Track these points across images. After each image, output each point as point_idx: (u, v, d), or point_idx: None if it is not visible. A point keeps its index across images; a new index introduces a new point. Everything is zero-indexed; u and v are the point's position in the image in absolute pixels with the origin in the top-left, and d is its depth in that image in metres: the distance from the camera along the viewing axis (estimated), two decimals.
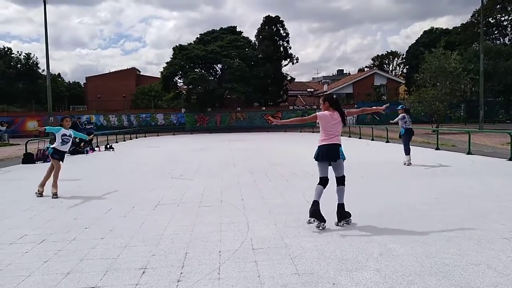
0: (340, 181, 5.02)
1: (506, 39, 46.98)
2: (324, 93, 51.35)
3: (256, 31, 45.11)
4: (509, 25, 46.52)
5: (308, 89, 57.98)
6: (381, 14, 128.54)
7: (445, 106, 25.25)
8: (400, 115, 10.62)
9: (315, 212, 4.76)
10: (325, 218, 4.75)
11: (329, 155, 4.89)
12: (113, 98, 45.02)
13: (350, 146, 17.88)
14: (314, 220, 4.76)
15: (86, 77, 56.08)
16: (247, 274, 3.46)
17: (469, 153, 12.38)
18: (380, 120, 38.86)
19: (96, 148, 18.84)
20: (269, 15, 43.76)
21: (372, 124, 30.77)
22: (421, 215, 5.26)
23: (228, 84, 38.00)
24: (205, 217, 5.45)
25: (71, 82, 69.53)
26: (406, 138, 10.46)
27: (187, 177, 9.27)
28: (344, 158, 5.00)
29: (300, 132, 32.22)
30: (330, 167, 5.01)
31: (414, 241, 4.20)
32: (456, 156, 12.14)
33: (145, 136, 31.86)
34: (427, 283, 3.16)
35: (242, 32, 43.45)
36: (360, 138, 21.80)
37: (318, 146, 4.98)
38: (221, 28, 43.48)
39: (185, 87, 41.44)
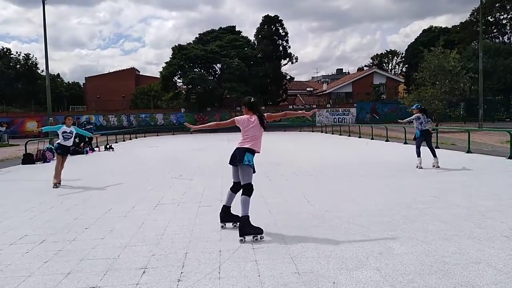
0: (244, 190, 4.54)
1: (505, 37, 47.05)
2: (323, 92, 51.39)
3: (255, 30, 45.14)
4: (508, 24, 46.56)
5: (307, 88, 57.99)
6: (380, 13, 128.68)
7: (444, 105, 25.27)
8: (414, 115, 9.83)
9: (222, 217, 4.84)
10: (257, 227, 4.40)
11: (233, 158, 4.63)
12: (112, 98, 45.00)
13: (349, 145, 17.90)
14: (224, 225, 4.83)
15: (85, 78, 56.10)
16: (247, 273, 3.46)
17: (468, 151, 12.38)
18: (379, 119, 38.92)
19: (95, 148, 18.85)
20: (268, 15, 43.77)
21: (372, 123, 30.84)
22: (421, 213, 5.27)
23: (227, 84, 38.00)
24: (205, 217, 5.45)
25: (70, 82, 69.55)
26: (419, 140, 9.84)
27: (186, 177, 9.27)
28: (249, 164, 4.52)
29: (300, 131, 32.24)
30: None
31: (414, 239, 4.20)
32: (456, 155, 12.15)
33: (144, 136, 31.86)
34: (427, 281, 3.17)
35: (241, 32, 43.51)
36: (359, 137, 21.81)
37: None
38: (220, 27, 43.48)
39: (185, 87, 41.43)
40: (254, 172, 4.63)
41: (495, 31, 47.64)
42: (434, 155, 9.65)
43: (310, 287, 3.14)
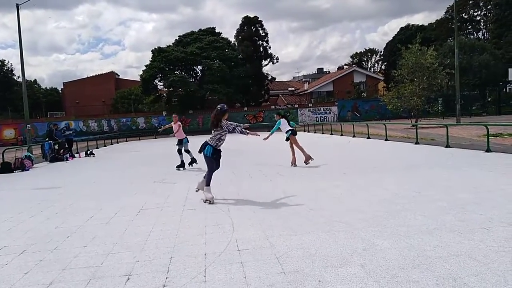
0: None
1: (480, 33, 48.32)
2: (305, 92, 51.76)
3: (235, 31, 45.13)
4: (482, 20, 47.86)
5: (289, 88, 58.32)
6: (359, 12, 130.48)
7: (423, 101, 25.74)
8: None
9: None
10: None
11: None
12: (92, 103, 44.28)
13: (332, 143, 18.06)
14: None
15: (63, 83, 55.08)
16: (233, 275, 3.45)
17: (447, 146, 12.65)
18: (360, 117, 39.41)
19: (76, 155, 18.49)
20: (247, 16, 43.83)
21: (353, 121, 31.16)
22: (403, 208, 5.35)
23: (209, 86, 37.84)
24: (189, 221, 5.41)
25: (48, 88, 68.08)
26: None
27: (170, 181, 9.19)
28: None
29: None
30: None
31: (397, 234, 4.27)
32: (435, 150, 12.39)
33: (126, 141, 31.44)
34: (410, 275, 3.22)
35: (221, 33, 43.36)
36: (341, 135, 22.03)
37: None
38: (200, 29, 43.26)
39: (166, 89, 41.10)
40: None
41: (469, 27, 48.91)
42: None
43: (296, 286, 3.15)
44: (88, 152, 18.89)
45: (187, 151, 11.42)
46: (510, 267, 3.28)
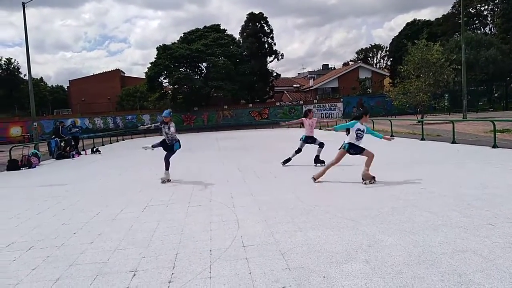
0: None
1: (487, 28, 47.81)
2: (310, 88, 51.58)
3: (240, 28, 45.04)
4: (489, 15, 47.35)
5: (294, 85, 58.19)
6: (365, 7, 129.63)
7: (429, 97, 25.56)
8: None
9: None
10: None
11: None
12: (97, 100, 44.45)
13: (336, 139, 18.00)
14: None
15: (69, 81, 55.28)
16: (238, 271, 3.47)
17: (453, 142, 12.57)
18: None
19: (82, 152, 18.61)
20: (252, 12, 43.65)
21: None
22: (408, 205, 5.34)
23: (214, 83, 37.84)
24: (194, 217, 5.44)
25: (54, 86, 68.45)
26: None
27: (175, 177, 9.21)
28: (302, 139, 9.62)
29: (288, 127, 32.29)
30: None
31: (402, 231, 4.26)
32: (442, 146, 12.32)
33: (131, 138, 31.58)
34: (415, 272, 3.22)
35: (226, 30, 43.29)
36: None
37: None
38: (205, 26, 43.21)
39: (171, 87, 41.13)
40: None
41: (476, 22, 48.39)
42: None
43: (301, 282, 3.17)
44: (94, 149, 19.00)
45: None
46: None
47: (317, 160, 9.71)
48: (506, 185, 6.16)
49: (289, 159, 9.94)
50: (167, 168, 8.63)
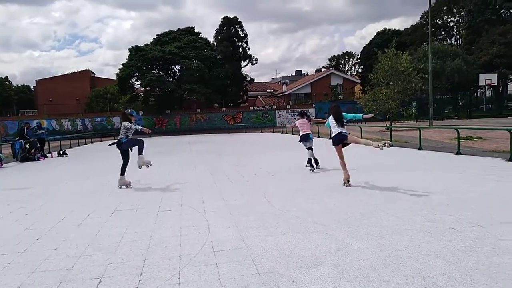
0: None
1: (453, 39, 49.77)
2: (283, 93, 52.03)
3: (215, 32, 44.95)
4: (455, 26, 49.32)
5: (268, 90, 58.52)
6: (339, 15, 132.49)
7: (397, 104, 26.28)
8: None
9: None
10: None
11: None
12: (65, 101, 43.11)
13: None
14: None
15: (36, 80, 53.30)
16: (207, 277, 3.44)
17: (420, 148, 12.98)
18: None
19: (48, 155, 17.97)
20: (227, 16, 43.64)
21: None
22: (376, 209, 5.46)
23: (187, 86, 37.52)
24: (164, 222, 5.36)
25: (20, 85, 65.92)
26: None
27: (145, 182, 9.06)
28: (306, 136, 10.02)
29: (261, 132, 32.43)
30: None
31: (370, 235, 4.35)
32: (409, 152, 12.69)
33: (101, 141, 30.79)
34: (381, 275, 3.29)
35: (200, 33, 43.05)
36: (318, 137, 22.25)
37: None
38: (179, 28, 42.83)
39: (142, 89, 40.48)
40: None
41: (443, 33, 50.27)
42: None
43: (270, 287, 3.17)
44: (61, 152, 18.39)
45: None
46: (476, 266, 3.40)
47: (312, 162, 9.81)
48: (468, 191, 6.41)
49: (310, 160, 9.89)
50: (122, 173, 8.47)
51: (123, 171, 8.44)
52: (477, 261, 3.50)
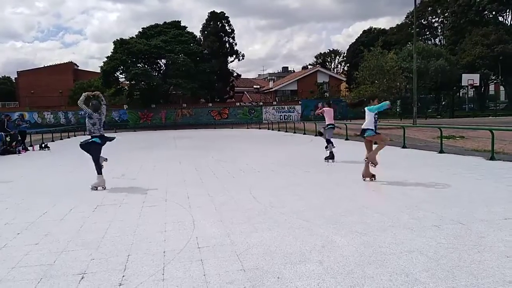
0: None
1: (437, 40, 50.50)
2: (270, 90, 52.05)
3: (201, 26, 44.62)
4: (439, 27, 50.05)
5: (254, 86, 58.49)
6: (326, 13, 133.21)
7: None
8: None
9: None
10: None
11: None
12: (48, 94, 42.24)
13: (295, 142, 18.29)
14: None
15: (17, 72, 52.02)
16: (192, 273, 3.42)
17: (404, 147, 13.16)
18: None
19: (29, 148, 17.59)
20: (214, 11, 43.40)
21: (316, 120, 31.72)
22: (361, 206, 5.51)
23: (173, 80, 37.17)
24: (149, 217, 5.30)
25: (1, 76, 64.27)
26: None
27: (129, 176, 8.95)
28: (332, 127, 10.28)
29: (248, 128, 32.39)
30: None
31: (354, 232, 4.39)
32: (392, 150, 12.83)
33: (84, 134, 30.26)
34: (365, 271, 3.32)
35: (187, 27, 42.63)
36: (304, 133, 22.35)
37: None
38: (165, 22, 42.30)
39: (127, 82, 39.94)
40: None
41: (428, 33, 50.95)
42: None
43: (255, 283, 3.17)
44: (43, 145, 18.01)
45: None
46: (458, 263, 3.46)
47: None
48: (450, 189, 6.53)
49: (331, 154, 10.32)
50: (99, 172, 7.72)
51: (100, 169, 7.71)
52: (459, 258, 3.56)
